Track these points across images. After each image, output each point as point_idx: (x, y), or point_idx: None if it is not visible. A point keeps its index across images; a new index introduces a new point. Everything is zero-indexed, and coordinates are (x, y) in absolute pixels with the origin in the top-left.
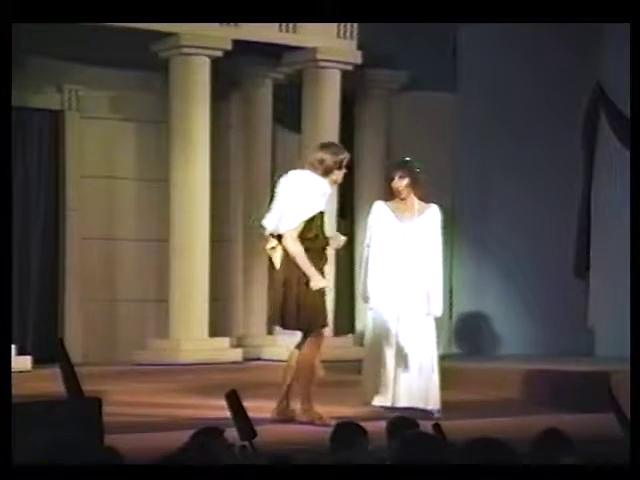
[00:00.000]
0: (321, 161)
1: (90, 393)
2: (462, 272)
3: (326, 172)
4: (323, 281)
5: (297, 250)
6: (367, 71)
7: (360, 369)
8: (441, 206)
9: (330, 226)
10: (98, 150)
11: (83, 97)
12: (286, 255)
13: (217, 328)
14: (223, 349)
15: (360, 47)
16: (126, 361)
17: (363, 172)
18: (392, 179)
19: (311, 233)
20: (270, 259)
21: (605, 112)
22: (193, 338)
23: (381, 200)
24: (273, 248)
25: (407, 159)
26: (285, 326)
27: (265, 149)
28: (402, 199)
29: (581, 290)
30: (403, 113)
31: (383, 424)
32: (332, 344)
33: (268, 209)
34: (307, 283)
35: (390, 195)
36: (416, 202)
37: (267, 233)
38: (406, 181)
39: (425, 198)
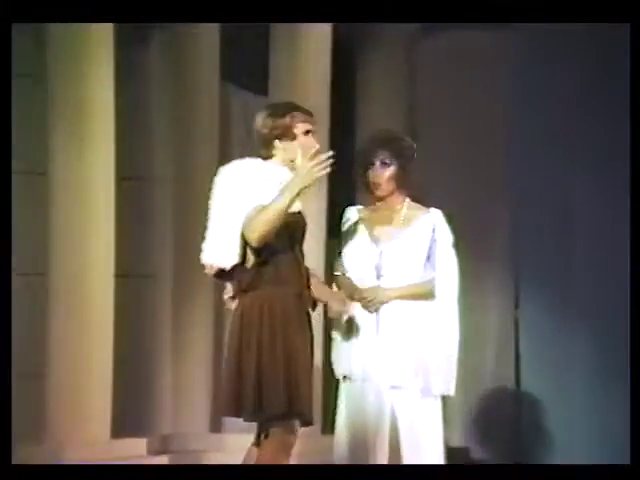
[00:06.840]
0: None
1: None
2: None
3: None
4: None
5: None
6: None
7: None
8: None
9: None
10: None
11: None
12: (243, 311)
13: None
14: (136, 456)
15: None
16: None
17: None
18: (370, 165)
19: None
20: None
21: None
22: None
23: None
24: (233, 297)
25: (394, 133)
26: (244, 416)
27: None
28: (381, 198)
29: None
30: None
31: None
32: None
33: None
34: (273, 347)
35: (367, 191)
36: (405, 205)
37: (214, 268)
38: (391, 170)
39: (420, 198)
